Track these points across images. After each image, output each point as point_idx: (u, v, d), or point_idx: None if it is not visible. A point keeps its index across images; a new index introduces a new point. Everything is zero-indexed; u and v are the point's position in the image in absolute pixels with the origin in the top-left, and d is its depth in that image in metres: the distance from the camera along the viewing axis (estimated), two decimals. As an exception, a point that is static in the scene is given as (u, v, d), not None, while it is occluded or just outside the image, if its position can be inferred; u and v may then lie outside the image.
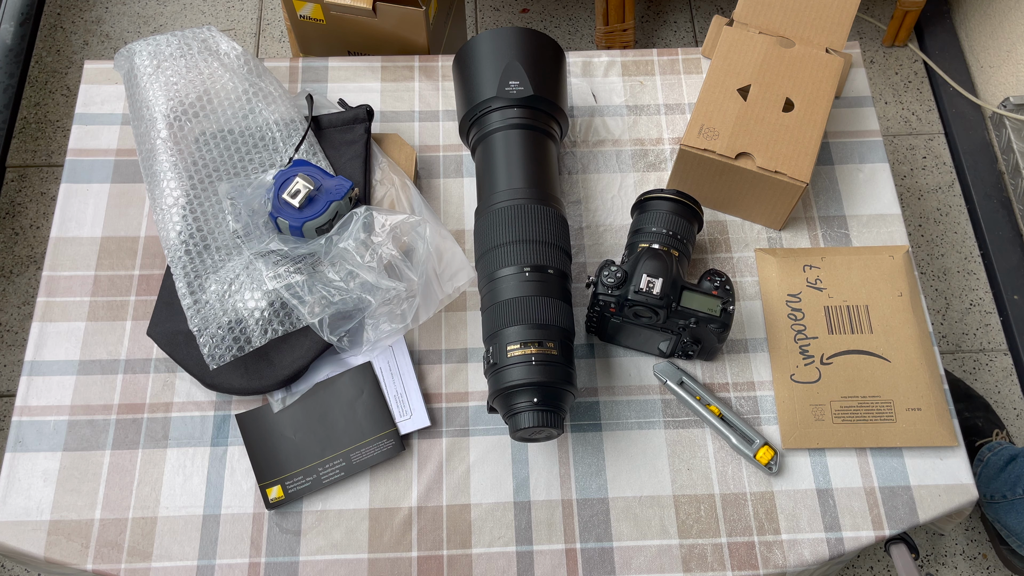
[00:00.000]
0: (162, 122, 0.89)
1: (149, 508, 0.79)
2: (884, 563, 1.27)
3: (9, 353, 1.42)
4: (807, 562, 0.77)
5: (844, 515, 0.79)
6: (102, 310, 0.87)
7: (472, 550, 0.78)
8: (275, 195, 0.83)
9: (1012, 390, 1.40)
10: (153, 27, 1.74)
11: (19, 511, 0.78)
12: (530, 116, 0.85)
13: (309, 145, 0.91)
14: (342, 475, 0.80)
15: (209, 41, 0.94)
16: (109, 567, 0.76)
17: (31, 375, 0.84)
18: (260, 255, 0.82)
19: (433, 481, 0.81)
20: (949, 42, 1.73)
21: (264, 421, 0.82)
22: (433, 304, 0.82)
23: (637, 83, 1.03)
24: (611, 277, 0.78)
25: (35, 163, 1.58)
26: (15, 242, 1.51)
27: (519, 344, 0.74)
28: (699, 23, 1.77)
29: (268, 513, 0.79)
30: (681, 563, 0.77)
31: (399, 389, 0.84)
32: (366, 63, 1.03)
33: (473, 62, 0.89)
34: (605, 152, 0.98)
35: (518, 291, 0.76)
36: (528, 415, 0.72)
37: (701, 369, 0.86)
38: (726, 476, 0.81)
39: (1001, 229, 1.50)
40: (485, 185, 0.84)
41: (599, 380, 0.85)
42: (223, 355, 0.79)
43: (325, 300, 0.79)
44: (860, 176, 0.97)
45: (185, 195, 0.86)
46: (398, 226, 0.82)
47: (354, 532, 0.78)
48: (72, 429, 0.82)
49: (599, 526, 0.79)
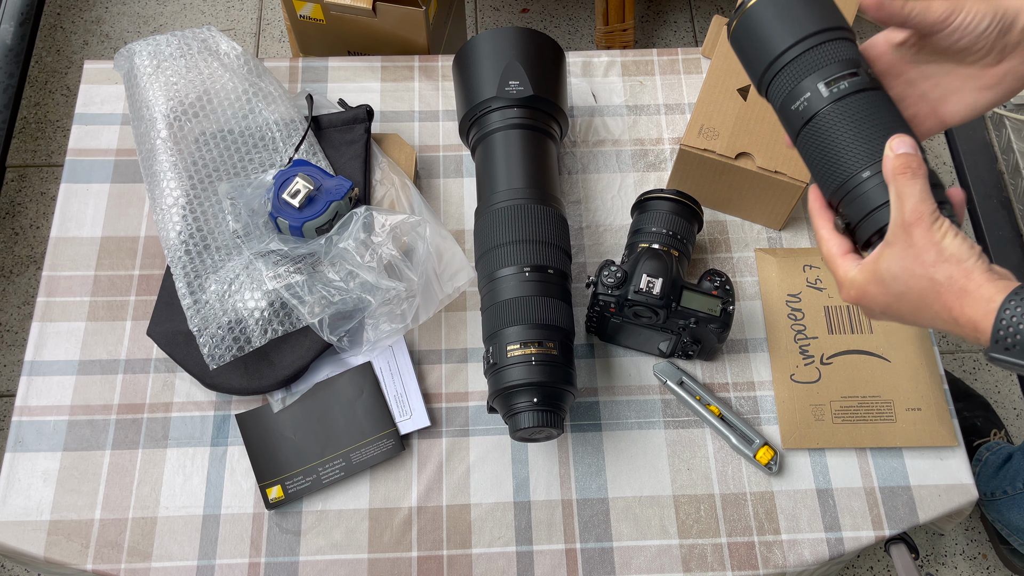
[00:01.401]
0: (162, 122, 0.89)
1: (149, 508, 0.79)
2: (884, 563, 1.27)
3: (9, 353, 1.42)
4: (807, 562, 0.77)
5: (844, 515, 0.79)
6: (102, 310, 0.87)
7: (472, 550, 0.78)
8: (275, 195, 0.83)
9: (1012, 390, 1.40)
10: (153, 27, 1.74)
11: (19, 511, 0.78)
12: (530, 116, 0.85)
13: (309, 145, 0.91)
14: (342, 475, 0.80)
15: (209, 41, 0.94)
16: (109, 567, 0.76)
17: (31, 375, 0.84)
18: (260, 255, 0.82)
19: (433, 481, 0.81)
20: (949, 42, 1.73)
21: (264, 421, 0.82)
22: (433, 304, 0.82)
23: (637, 83, 1.03)
24: (611, 277, 0.78)
25: (35, 163, 1.58)
26: (15, 242, 1.51)
27: (519, 344, 0.74)
28: (699, 23, 1.77)
29: (268, 513, 0.79)
30: (681, 563, 0.77)
31: (399, 389, 0.84)
32: (366, 63, 1.03)
33: (473, 62, 0.89)
34: (605, 152, 0.98)
35: (518, 291, 0.76)
36: (528, 415, 0.72)
37: (701, 369, 0.86)
38: (726, 476, 0.81)
39: (1001, 229, 1.50)
40: (485, 185, 0.84)
41: (599, 380, 0.85)
42: (223, 355, 0.79)
43: (325, 300, 0.79)
44: (860, 176, 0.96)
45: (185, 195, 0.86)
46: (398, 226, 0.82)
47: (354, 532, 0.78)
48: (72, 429, 0.82)
49: (599, 526, 0.79)
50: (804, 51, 0.59)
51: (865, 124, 0.57)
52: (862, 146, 0.56)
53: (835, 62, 0.58)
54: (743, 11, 0.62)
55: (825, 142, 0.58)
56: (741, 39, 0.64)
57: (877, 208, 0.55)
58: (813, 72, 0.59)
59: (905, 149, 0.54)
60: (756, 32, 0.62)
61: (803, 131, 0.59)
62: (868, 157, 0.56)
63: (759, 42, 0.61)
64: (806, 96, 0.59)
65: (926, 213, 0.52)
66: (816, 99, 0.58)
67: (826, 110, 0.58)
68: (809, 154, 0.60)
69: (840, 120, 0.57)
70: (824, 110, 0.58)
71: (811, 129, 0.59)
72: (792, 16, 0.60)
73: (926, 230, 0.51)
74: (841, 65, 0.58)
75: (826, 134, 0.58)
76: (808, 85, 0.59)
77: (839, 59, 0.58)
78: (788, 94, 0.60)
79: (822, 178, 0.59)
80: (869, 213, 0.56)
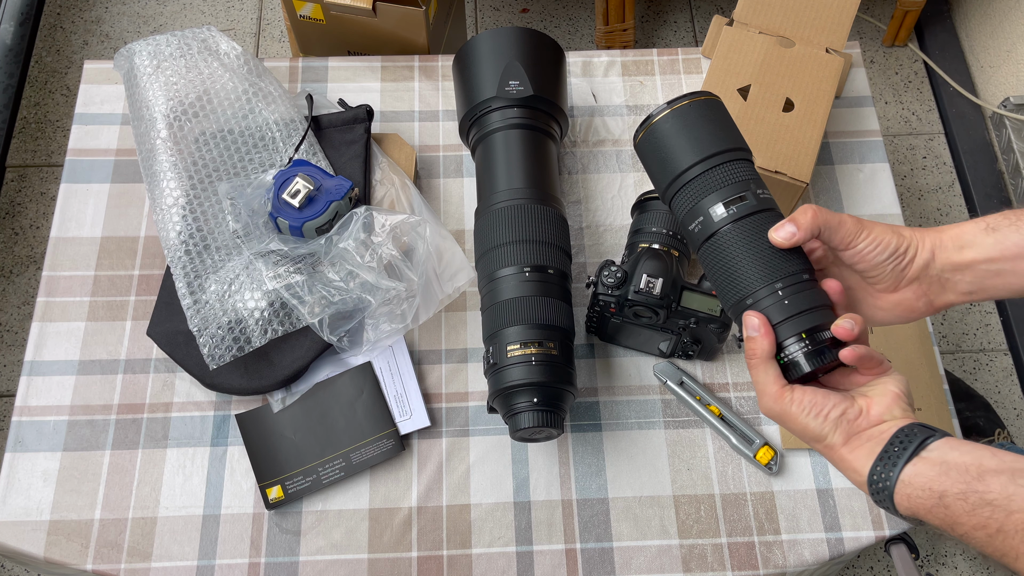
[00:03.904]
0: (162, 122, 0.89)
1: (149, 508, 0.79)
2: (884, 563, 1.27)
3: (9, 353, 1.42)
4: (807, 562, 0.77)
5: (844, 515, 0.79)
6: (102, 310, 0.87)
7: (472, 550, 0.78)
8: (275, 195, 0.83)
9: (1012, 390, 1.40)
10: (153, 27, 1.74)
11: (19, 511, 0.78)
12: (530, 116, 0.85)
13: (309, 145, 0.91)
14: (342, 475, 0.80)
15: (209, 41, 0.94)
16: (109, 567, 0.76)
17: (31, 375, 0.84)
18: (260, 255, 0.82)
19: (433, 481, 0.81)
20: (949, 42, 1.73)
21: (264, 421, 0.82)
22: (433, 304, 0.82)
23: (637, 83, 1.03)
24: (611, 277, 0.78)
25: (35, 163, 1.58)
26: (15, 242, 1.51)
27: (519, 344, 0.74)
28: (699, 23, 1.77)
29: (268, 513, 0.79)
30: (681, 563, 0.77)
31: (399, 389, 0.84)
32: (366, 63, 1.03)
33: (473, 62, 0.89)
34: (605, 152, 0.98)
35: (518, 291, 0.76)
36: (528, 415, 0.72)
37: (701, 369, 0.86)
38: (726, 476, 0.81)
39: (1001, 229, 1.50)
40: (485, 185, 0.84)
41: (599, 380, 0.85)
42: (223, 355, 0.79)
43: (325, 300, 0.79)
44: (860, 176, 0.97)
45: (185, 195, 0.86)
46: (398, 226, 0.82)
47: (354, 532, 0.78)
48: (72, 429, 0.82)
49: (599, 526, 0.79)
50: (704, 171, 0.62)
51: (761, 244, 0.59)
52: (759, 266, 0.59)
53: (733, 183, 0.61)
54: (648, 125, 0.65)
55: (724, 260, 0.61)
56: (645, 152, 0.66)
57: (775, 326, 0.58)
58: (712, 192, 0.61)
59: (749, 332, 0.58)
60: (660, 147, 0.65)
61: (703, 247, 0.62)
62: (764, 277, 0.59)
63: (663, 157, 0.65)
64: (706, 215, 0.61)
65: (782, 397, 0.56)
66: (714, 219, 0.61)
67: (725, 230, 0.61)
68: (710, 268, 0.62)
69: (737, 240, 0.60)
70: (723, 230, 0.61)
71: (711, 246, 0.61)
72: (694, 136, 0.63)
73: (787, 409, 0.56)
74: (738, 187, 0.61)
75: (725, 252, 0.61)
76: (707, 204, 0.61)
77: (736, 180, 0.61)
78: (688, 212, 0.63)
79: (722, 293, 0.62)
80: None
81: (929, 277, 0.59)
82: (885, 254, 0.59)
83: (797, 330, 0.57)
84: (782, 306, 0.57)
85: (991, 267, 0.57)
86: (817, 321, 0.57)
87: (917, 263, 0.59)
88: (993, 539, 0.48)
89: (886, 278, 0.60)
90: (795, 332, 0.57)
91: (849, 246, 0.59)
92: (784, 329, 0.57)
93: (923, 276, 0.59)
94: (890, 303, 0.61)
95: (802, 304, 0.57)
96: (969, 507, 0.48)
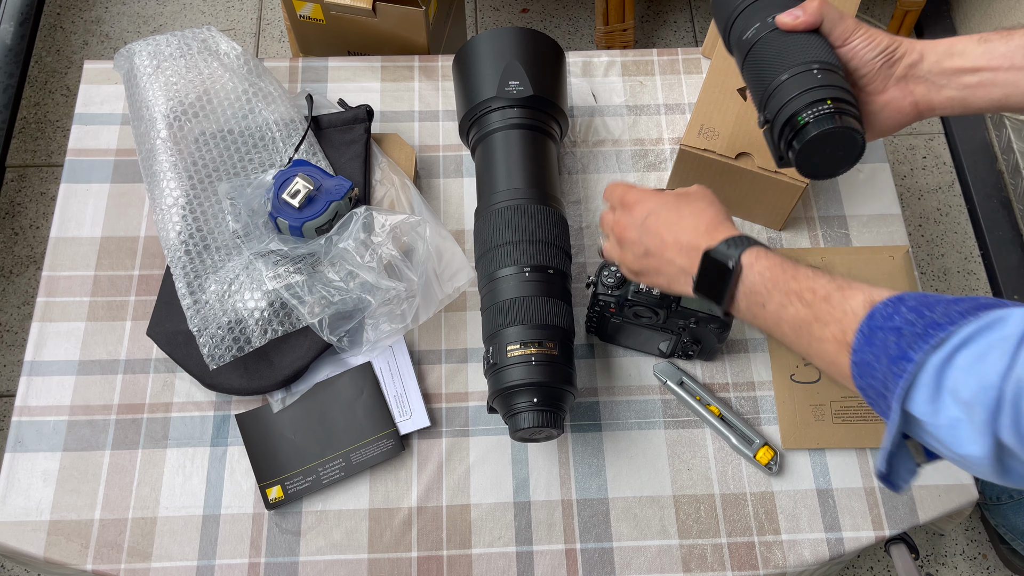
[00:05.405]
0: (162, 122, 0.89)
1: (149, 508, 0.79)
2: (884, 563, 1.27)
3: (9, 353, 1.42)
4: (807, 562, 0.77)
5: (844, 515, 0.79)
6: (102, 310, 0.87)
7: (472, 550, 0.78)
8: (275, 195, 0.83)
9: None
10: (153, 27, 1.74)
11: (19, 511, 0.78)
12: (530, 116, 0.85)
13: (309, 145, 0.91)
14: (342, 475, 0.80)
15: (209, 41, 0.94)
16: (109, 567, 0.76)
17: (31, 375, 0.84)
18: (260, 255, 0.82)
19: (433, 481, 0.80)
20: (949, 42, 1.73)
21: (264, 421, 0.82)
22: (433, 304, 0.82)
23: (637, 83, 1.03)
24: (611, 277, 0.78)
25: (35, 163, 1.58)
26: (15, 242, 1.51)
27: (519, 344, 0.74)
28: (699, 23, 1.77)
29: (268, 513, 0.79)
30: (681, 563, 0.77)
31: (399, 389, 0.84)
32: (366, 63, 1.03)
33: (473, 62, 0.89)
34: (605, 152, 0.98)
35: (518, 291, 0.76)
36: (528, 415, 0.72)
37: (701, 369, 0.86)
38: (726, 476, 0.81)
39: (1001, 229, 1.50)
40: (485, 185, 0.84)
41: (599, 380, 0.85)
42: (223, 355, 0.79)
43: (325, 300, 0.79)
44: (860, 176, 0.97)
45: (185, 195, 0.86)
46: (398, 226, 0.82)
47: (354, 532, 0.78)
48: (72, 429, 0.82)
49: (599, 526, 0.79)
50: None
51: (790, 44, 0.65)
52: (783, 59, 0.65)
53: (777, 5, 0.68)
54: None
55: (758, 62, 0.67)
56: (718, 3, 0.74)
57: (789, 100, 0.63)
58: (762, 10, 0.68)
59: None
60: None
61: (747, 58, 0.69)
62: (787, 66, 0.64)
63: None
64: (753, 28, 0.68)
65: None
66: (759, 30, 0.68)
67: (765, 36, 0.67)
68: (749, 79, 0.69)
69: (771, 43, 0.67)
70: (763, 37, 0.67)
71: (752, 55, 0.68)
72: None
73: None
74: (782, 6, 0.67)
75: (759, 55, 0.67)
76: (755, 20, 0.68)
77: (781, 3, 0.68)
78: (741, 33, 0.70)
79: (756, 95, 0.68)
80: (783, 106, 0.64)
81: (916, 77, 0.63)
82: (876, 51, 0.63)
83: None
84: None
85: (977, 77, 0.61)
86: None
87: (905, 61, 0.63)
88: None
89: (876, 77, 0.64)
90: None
91: (846, 42, 0.64)
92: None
93: (910, 75, 0.63)
94: (879, 104, 0.65)
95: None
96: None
